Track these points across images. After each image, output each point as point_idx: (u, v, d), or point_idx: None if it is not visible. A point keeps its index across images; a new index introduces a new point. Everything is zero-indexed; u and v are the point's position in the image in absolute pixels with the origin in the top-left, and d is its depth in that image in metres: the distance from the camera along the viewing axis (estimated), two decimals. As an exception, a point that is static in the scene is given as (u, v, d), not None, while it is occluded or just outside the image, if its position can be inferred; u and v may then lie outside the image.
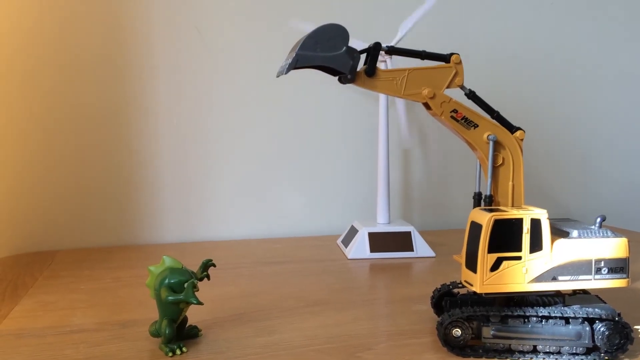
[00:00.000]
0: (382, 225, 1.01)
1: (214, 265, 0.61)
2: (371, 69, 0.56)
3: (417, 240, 0.98)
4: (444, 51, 0.58)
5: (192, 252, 1.02)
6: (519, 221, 0.53)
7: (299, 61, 0.54)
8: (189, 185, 1.12)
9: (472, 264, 0.54)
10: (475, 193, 0.60)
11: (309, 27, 0.56)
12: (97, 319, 0.66)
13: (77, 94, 1.04)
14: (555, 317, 0.54)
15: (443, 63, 0.58)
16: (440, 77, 0.58)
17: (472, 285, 0.54)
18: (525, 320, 0.54)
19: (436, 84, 0.58)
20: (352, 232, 1.01)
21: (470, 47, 1.24)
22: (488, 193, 0.58)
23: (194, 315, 0.60)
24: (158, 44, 1.08)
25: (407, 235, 0.99)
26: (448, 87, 0.58)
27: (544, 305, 0.56)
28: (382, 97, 1.02)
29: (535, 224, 0.53)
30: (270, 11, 1.13)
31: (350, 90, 1.17)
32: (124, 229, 1.09)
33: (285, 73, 0.55)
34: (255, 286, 0.80)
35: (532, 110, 1.30)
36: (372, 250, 0.96)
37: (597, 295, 0.59)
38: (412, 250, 0.97)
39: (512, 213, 0.54)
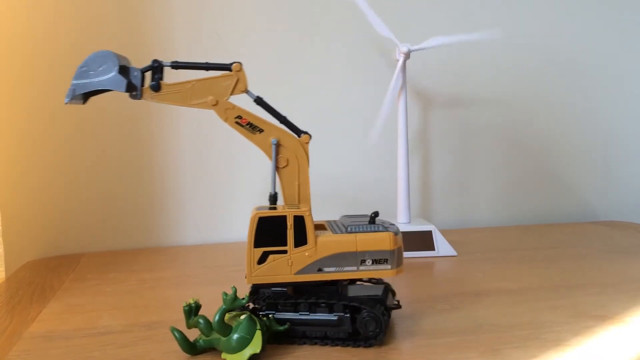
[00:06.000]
0: (402, 224, 1.01)
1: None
2: (156, 85, 0.61)
3: (439, 239, 0.98)
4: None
5: (214, 254, 1.03)
6: (283, 218, 0.58)
7: (77, 90, 0.59)
8: (210, 187, 1.13)
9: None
10: (270, 194, 0.63)
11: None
12: (123, 320, 0.67)
13: (100, 99, 1.06)
14: (319, 305, 0.59)
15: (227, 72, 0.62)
16: (223, 85, 0.62)
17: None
18: (295, 307, 0.59)
19: (220, 92, 0.62)
20: (373, 231, 1.01)
21: (492, 45, 1.23)
22: (272, 192, 0.63)
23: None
24: (179, 49, 1.09)
25: (428, 235, 0.98)
26: (232, 93, 0.62)
27: (322, 294, 0.60)
28: (401, 95, 1.01)
29: (299, 220, 0.58)
30: (289, 15, 1.14)
31: (369, 88, 1.17)
32: (148, 232, 1.11)
33: (66, 103, 0.60)
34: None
35: (553, 108, 1.29)
36: (394, 249, 0.96)
37: (386, 284, 0.65)
38: (434, 249, 0.97)
39: (277, 211, 0.59)
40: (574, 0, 1.28)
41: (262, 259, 0.58)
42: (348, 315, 0.58)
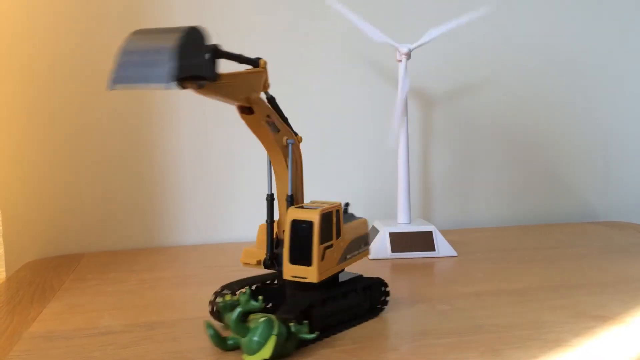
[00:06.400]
0: (403, 225, 1.01)
1: None
2: (216, 74, 0.51)
3: (439, 240, 0.98)
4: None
5: (214, 254, 1.03)
6: (331, 213, 0.61)
7: (178, 72, 0.46)
8: (210, 187, 1.13)
9: (302, 259, 0.59)
10: (267, 195, 0.65)
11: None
12: (124, 320, 0.67)
13: (102, 100, 1.06)
14: (354, 290, 0.64)
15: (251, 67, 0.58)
16: (257, 81, 0.58)
17: (304, 278, 0.59)
18: (337, 298, 0.62)
19: (255, 88, 0.58)
20: (373, 232, 1.01)
21: (493, 46, 1.23)
22: (290, 193, 0.63)
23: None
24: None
25: (428, 235, 0.98)
26: (262, 90, 0.60)
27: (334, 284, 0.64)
28: (400, 93, 1.01)
29: (338, 214, 0.62)
30: (289, 16, 1.14)
31: (369, 88, 1.17)
32: (148, 232, 1.11)
33: (168, 87, 0.45)
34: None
35: (553, 109, 1.29)
36: (394, 250, 0.96)
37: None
38: (434, 249, 0.97)
39: (327, 207, 0.60)
40: (574, 0, 1.28)
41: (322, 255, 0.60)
42: (369, 293, 0.66)
